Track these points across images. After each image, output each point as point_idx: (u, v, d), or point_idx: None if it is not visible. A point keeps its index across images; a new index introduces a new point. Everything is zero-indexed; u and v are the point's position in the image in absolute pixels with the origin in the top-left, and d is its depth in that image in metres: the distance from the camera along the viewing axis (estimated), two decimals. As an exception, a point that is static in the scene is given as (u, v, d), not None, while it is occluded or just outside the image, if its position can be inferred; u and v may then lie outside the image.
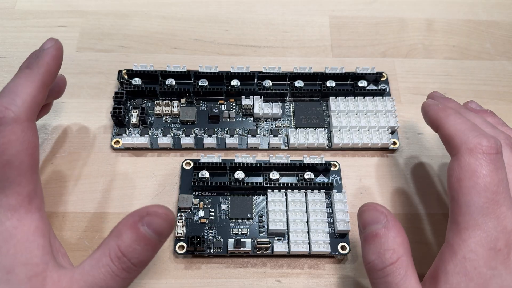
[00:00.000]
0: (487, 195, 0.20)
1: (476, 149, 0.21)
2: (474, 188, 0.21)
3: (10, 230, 0.20)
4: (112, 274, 0.20)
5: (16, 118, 0.21)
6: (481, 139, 0.22)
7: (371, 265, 0.21)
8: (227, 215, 0.29)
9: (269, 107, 0.33)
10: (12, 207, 0.21)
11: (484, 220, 0.20)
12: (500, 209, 0.20)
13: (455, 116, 0.24)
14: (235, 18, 0.39)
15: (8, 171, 0.21)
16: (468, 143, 0.22)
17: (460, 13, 0.40)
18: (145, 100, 0.33)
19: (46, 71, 0.23)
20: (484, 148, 0.21)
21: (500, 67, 0.37)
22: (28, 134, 0.22)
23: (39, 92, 0.23)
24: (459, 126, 0.23)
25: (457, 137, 0.22)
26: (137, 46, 0.37)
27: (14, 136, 0.21)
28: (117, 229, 0.21)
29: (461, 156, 0.22)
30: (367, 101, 0.33)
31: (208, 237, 0.28)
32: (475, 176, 0.21)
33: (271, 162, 0.30)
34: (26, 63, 0.24)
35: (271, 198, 0.29)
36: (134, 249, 0.20)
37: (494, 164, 0.21)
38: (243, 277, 0.28)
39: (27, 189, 0.21)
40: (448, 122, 0.24)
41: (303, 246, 0.28)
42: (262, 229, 0.29)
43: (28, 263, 0.20)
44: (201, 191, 0.30)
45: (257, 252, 0.28)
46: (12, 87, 0.22)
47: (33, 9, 0.38)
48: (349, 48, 0.38)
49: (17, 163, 0.21)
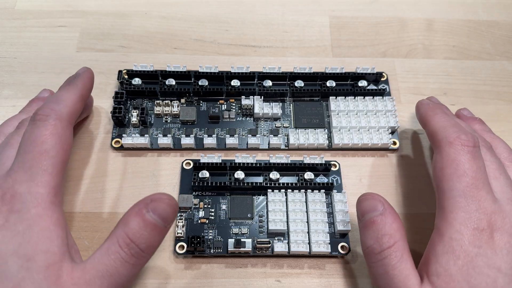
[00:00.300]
0: (467, 180, 0.23)
1: (455, 142, 0.24)
2: (455, 174, 0.23)
3: (35, 217, 0.21)
4: (122, 260, 0.21)
5: (59, 117, 0.25)
6: (460, 134, 0.24)
7: (369, 249, 0.23)
8: (227, 215, 0.29)
9: (269, 107, 0.33)
10: (40, 195, 0.22)
11: (466, 202, 0.22)
12: (480, 193, 0.22)
13: (441, 115, 0.27)
14: (235, 18, 0.39)
15: (44, 159, 0.23)
16: (449, 137, 0.24)
17: (460, 13, 0.40)
18: (145, 100, 0.33)
19: (83, 86, 0.28)
20: (463, 141, 0.24)
21: (500, 67, 0.37)
22: (67, 132, 0.25)
23: (78, 101, 0.27)
24: (442, 124, 0.26)
25: (440, 132, 0.25)
26: (137, 46, 0.37)
27: (55, 130, 0.24)
28: (124, 219, 0.22)
29: (442, 148, 0.24)
30: (367, 101, 0.33)
31: (208, 237, 0.28)
32: (454, 163, 0.23)
33: (271, 162, 0.30)
34: (67, 82, 0.28)
35: (271, 198, 0.29)
36: (141, 235, 0.21)
37: (471, 154, 0.23)
38: (243, 277, 0.28)
39: (56, 181, 0.23)
40: (434, 119, 0.27)
41: (303, 246, 0.28)
42: (262, 229, 0.29)
43: (48, 251, 0.21)
44: (201, 191, 0.30)
45: (257, 252, 0.28)
46: (57, 95, 0.27)
47: (33, 9, 0.38)
48: (349, 48, 0.38)
49: (53, 153, 0.23)
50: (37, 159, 0.23)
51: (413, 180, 0.32)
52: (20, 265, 0.20)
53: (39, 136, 0.23)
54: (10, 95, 0.34)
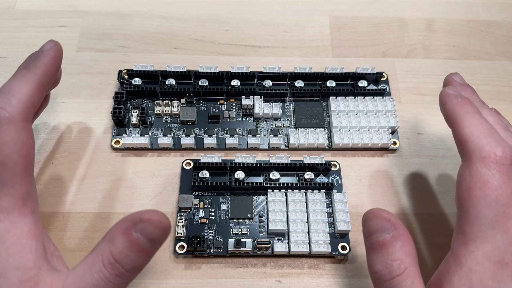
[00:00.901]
0: (498, 207, 0.20)
1: (489, 158, 0.20)
2: (485, 200, 0.20)
3: (2, 233, 0.20)
4: (105, 280, 0.20)
5: (10, 118, 0.21)
6: (496, 147, 0.21)
7: (378, 275, 0.21)
8: (227, 215, 0.29)
9: (269, 107, 0.33)
10: (4, 209, 0.20)
11: (492, 233, 0.20)
12: (509, 222, 0.20)
13: (473, 117, 0.22)
14: (235, 18, 0.39)
15: (1, 172, 0.20)
16: (482, 150, 0.21)
17: (460, 13, 0.40)
18: (145, 100, 0.33)
19: (44, 72, 0.23)
20: (498, 158, 0.20)
21: (500, 67, 0.37)
22: (23, 135, 0.21)
23: (35, 93, 0.22)
24: (475, 130, 0.22)
25: (471, 142, 0.21)
26: (137, 46, 0.37)
27: (8, 137, 0.21)
28: (109, 234, 0.20)
29: (473, 163, 0.21)
30: (367, 101, 0.33)
31: (208, 237, 0.28)
32: (486, 187, 0.20)
33: (271, 162, 0.30)
34: (24, 64, 0.23)
35: (271, 198, 0.29)
36: (127, 255, 0.20)
37: (507, 175, 0.20)
38: (243, 277, 0.28)
39: (20, 191, 0.21)
40: (464, 122, 0.22)
41: (303, 246, 0.28)
42: (262, 229, 0.29)
43: (20, 267, 0.20)
44: (201, 191, 0.30)
45: (257, 252, 0.28)
46: (8, 87, 0.22)
47: (33, 9, 0.38)
48: (349, 48, 0.38)
49: (10, 164, 0.20)
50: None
51: (413, 180, 0.32)
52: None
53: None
54: (10, 95, 0.34)
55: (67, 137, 0.32)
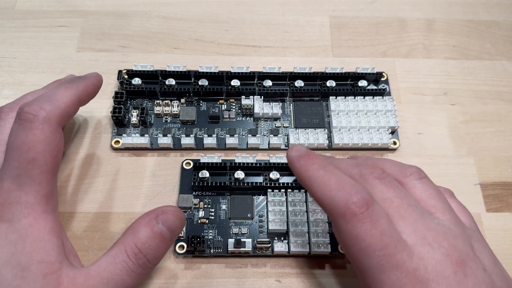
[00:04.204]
0: (377, 254, 0.20)
1: (347, 214, 0.20)
2: (363, 252, 0.20)
3: (26, 227, 0.21)
4: (128, 270, 0.21)
5: (47, 118, 0.22)
6: (348, 199, 0.20)
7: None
8: (227, 215, 0.29)
9: (269, 107, 0.33)
10: (30, 205, 0.21)
11: (386, 275, 0.19)
12: (395, 258, 0.19)
13: (318, 174, 0.22)
14: (235, 18, 0.39)
15: (32, 168, 0.21)
16: (338, 208, 0.20)
17: (460, 13, 0.40)
18: (145, 100, 0.33)
19: (84, 91, 0.26)
20: (354, 210, 0.20)
21: (500, 67, 0.37)
22: (56, 136, 0.23)
23: (72, 104, 0.25)
24: (324, 189, 0.21)
25: (326, 204, 0.21)
26: (137, 46, 0.37)
27: (43, 135, 0.22)
28: (132, 228, 0.22)
29: (338, 223, 0.21)
30: (367, 101, 0.33)
31: (208, 237, 0.28)
32: (357, 241, 0.20)
33: (271, 162, 0.30)
34: (69, 79, 0.26)
35: (271, 198, 0.29)
36: (149, 246, 0.22)
37: (369, 220, 0.20)
38: (243, 277, 0.28)
39: (45, 189, 0.22)
40: (313, 185, 0.22)
41: (303, 246, 0.28)
42: (262, 229, 0.29)
43: (43, 261, 0.21)
44: (201, 191, 0.30)
45: (257, 252, 0.28)
46: (51, 93, 0.24)
47: (33, 9, 0.38)
48: (349, 48, 0.38)
49: (41, 161, 0.22)
50: (24, 167, 0.21)
51: (413, 180, 0.32)
52: (15, 274, 0.20)
53: (25, 141, 0.21)
54: (10, 95, 0.34)
55: (67, 137, 0.32)
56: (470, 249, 0.21)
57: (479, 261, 0.20)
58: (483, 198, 0.31)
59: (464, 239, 0.21)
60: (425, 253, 0.20)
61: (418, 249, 0.20)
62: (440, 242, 0.20)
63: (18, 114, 0.22)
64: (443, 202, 0.23)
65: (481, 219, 0.31)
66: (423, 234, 0.20)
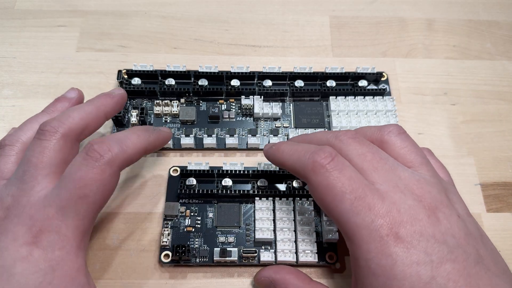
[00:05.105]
0: (348, 197, 0.21)
1: (316, 167, 0.22)
2: (336, 199, 0.21)
3: (58, 260, 0.21)
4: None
5: (111, 161, 0.22)
6: (313, 156, 0.22)
7: None
8: (214, 223, 0.29)
9: (269, 107, 0.33)
10: (67, 238, 0.21)
11: (360, 218, 0.20)
12: (366, 201, 0.21)
13: (285, 148, 0.25)
14: (235, 18, 0.39)
15: (81, 204, 0.21)
16: (307, 166, 0.22)
17: (460, 13, 0.40)
18: (145, 100, 0.33)
19: (153, 143, 0.26)
20: (320, 164, 0.22)
21: (500, 67, 0.37)
22: (113, 179, 0.23)
23: (138, 153, 0.25)
24: (292, 156, 0.24)
25: (297, 167, 0.23)
26: (137, 46, 0.37)
27: (102, 176, 0.22)
28: None
29: (310, 179, 0.22)
30: (367, 101, 0.33)
31: (194, 246, 0.28)
32: (329, 189, 0.21)
33: (259, 169, 0.30)
34: (145, 128, 0.26)
35: (258, 206, 0.28)
36: None
37: (336, 169, 0.22)
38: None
39: (86, 226, 0.22)
40: (283, 156, 0.25)
41: (290, 255, 0.27)
42: (249, 238, 0.28)
43: None
44: (187, 199, 0.29)
45: (244, 262, 0.27)
46: (123, 136, 0.24)
47: (33, 9, 0.38)
48: (349, 48, 0.38)
49: (91, 200, 0.22)
50: (73, 201, 0.21)
51: (413, 180, 0.32)
52: None
53: (83, 177, 0.21)
54: (10, 95, 0.34)
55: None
56: (445, 197, 0.22)
57: (453, 209, 0.21)
58: (483, 198, 0.31)
59: (439, 188, 0.22)
60: (397, 199, 0.21)
61: (390, 195, 0.21)
62: (412, 190, 0.21)
63: (86, 149, 0.22)
64: (421, 157, 0.24)
65: (481, 219, 0.31)
66: (395, 182, 0.22)
